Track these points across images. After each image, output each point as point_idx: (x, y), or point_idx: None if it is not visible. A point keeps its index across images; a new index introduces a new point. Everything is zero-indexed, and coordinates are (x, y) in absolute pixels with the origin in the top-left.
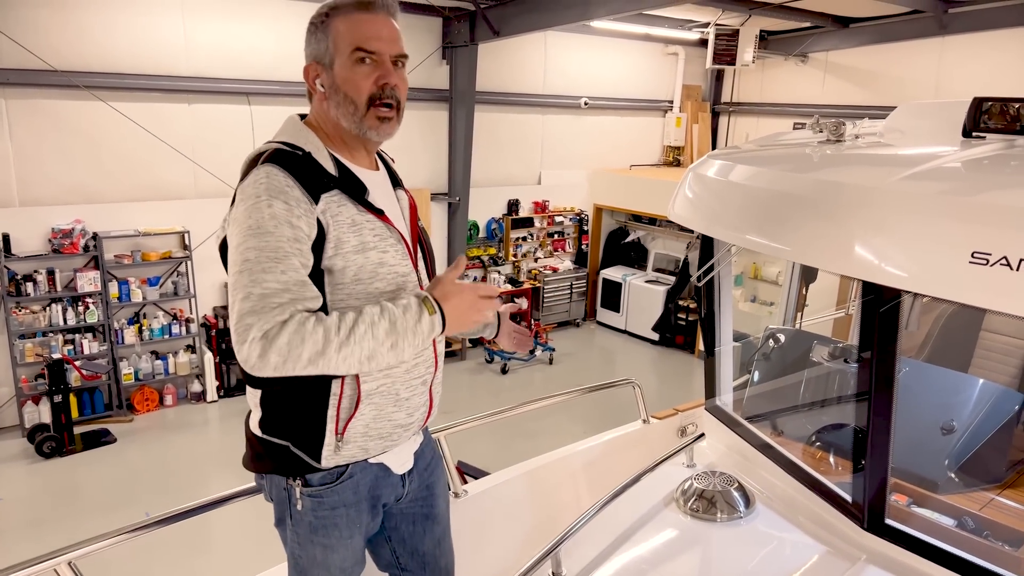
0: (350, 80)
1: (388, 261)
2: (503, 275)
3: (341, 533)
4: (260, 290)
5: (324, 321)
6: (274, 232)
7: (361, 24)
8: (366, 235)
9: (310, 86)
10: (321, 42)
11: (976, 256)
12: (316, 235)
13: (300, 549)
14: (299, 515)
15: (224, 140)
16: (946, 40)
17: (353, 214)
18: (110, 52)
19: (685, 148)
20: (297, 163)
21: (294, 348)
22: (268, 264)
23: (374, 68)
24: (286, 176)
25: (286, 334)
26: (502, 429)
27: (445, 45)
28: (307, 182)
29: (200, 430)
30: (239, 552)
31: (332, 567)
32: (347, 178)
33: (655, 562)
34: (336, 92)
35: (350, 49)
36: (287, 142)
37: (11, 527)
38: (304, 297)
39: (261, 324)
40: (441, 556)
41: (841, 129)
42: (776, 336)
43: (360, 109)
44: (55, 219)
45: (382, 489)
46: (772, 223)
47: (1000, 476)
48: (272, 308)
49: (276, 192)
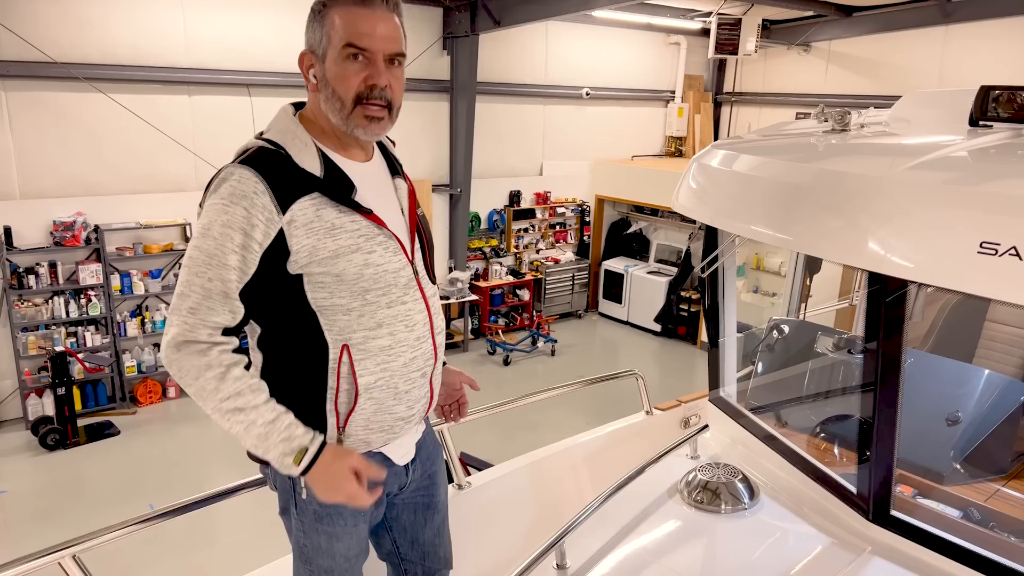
0: (339, 76)
1: (375, 261)
2: (505, 266)
3: (346, 522)
4: (187, 291)
5: (223, 381)
6: (218, 239)
7: (357, 19)
8: (346, 238)
9: (304, 75)
10: (317, 32)
11: (984, 246)
12: (274, 245)
13: (305, 538)
14: (304, 504)
15: (225, 132)
16: (950, 29)
17: (333, 217)
18: (110, 44)
19: (687, 139)
20: (275, 166)
21: (188, 377)
22: (201, 269)
23: (364, 66)
24: (258, 181)
25: (191, 363)
26: (505, 421)
27: (446, 35)
28: (281, 187)
29: (203, 422)
30: (243, 544)
31: (337, 555)
32: (333, 178)
33: (659, 554)
34: (325, 86)
35: (341, 44)
36: (273, 140)
37: (15, 520)
38: (217, 311)
39: (177, 331)
40: (440, 545)
41: (846, 118)
42: (780, 327)
43: (347, 107)
44: (56, 212)
45: (385, 479)
46: (776, 213)
47: (1005, 467)
48: (187, 316)
49: (239, 197)
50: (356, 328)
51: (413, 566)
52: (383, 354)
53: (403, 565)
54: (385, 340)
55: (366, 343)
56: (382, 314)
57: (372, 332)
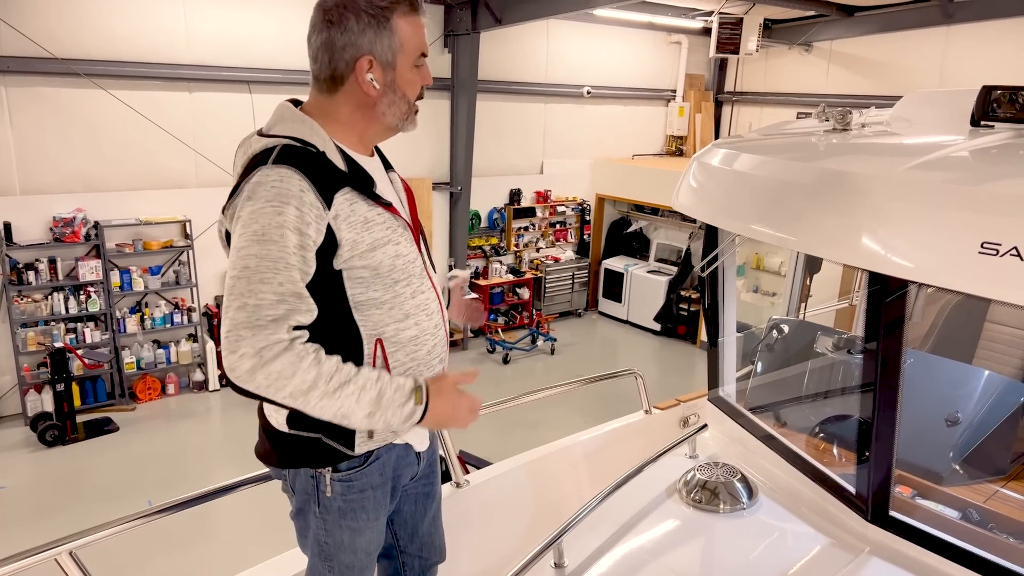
0: (412, 83)
1: (402, 252)
2: (505, 265)
3: (368, 515)
4: (255, 301)
5: (321, 364)
6: (278, 241)
7: (421, 28)
8: (378, 231)
9: (359, 80)
10: (384, 39)
11: (986, 247)
12: (324, 241)
13: (327, 535)
14: (328, 501)
15: (225, 129)
16: (951, 29)
17: (365, 211)
18: (110, 39)
19: (688, 138)
20: (311, 163)
21: (283, 378)
22: (268, 275)
23: (425, 71)
24: (301, 179)
25: (281, 362)
26: (504, 419)
27: (447, 33)
28: (321, 183)
29: (202, 419)
30: (241, 541)
31: (359, 550)
32: (356, 172)
33: (657, 553)
34: (394, 91)
35: (417, 53)
36: (296, 137)
37: (14, 515)
38: (298, 310)
39: (254, 340)
40: (435, 535)
41: (848, 118)
42: (779, 327)
43: (411, 108)
44: (56, 208)
45: (403, 468)
46: (777, 213)
47: (1005, 468)
48: (267, 323)
49: (288, 197)
50: (388, 321)
51: (411, 559)
52: (412, 344)
53: (401, 558)
54: (412, 331)
55: (397, 335)
56: (408, 305)
57: (401, 324)
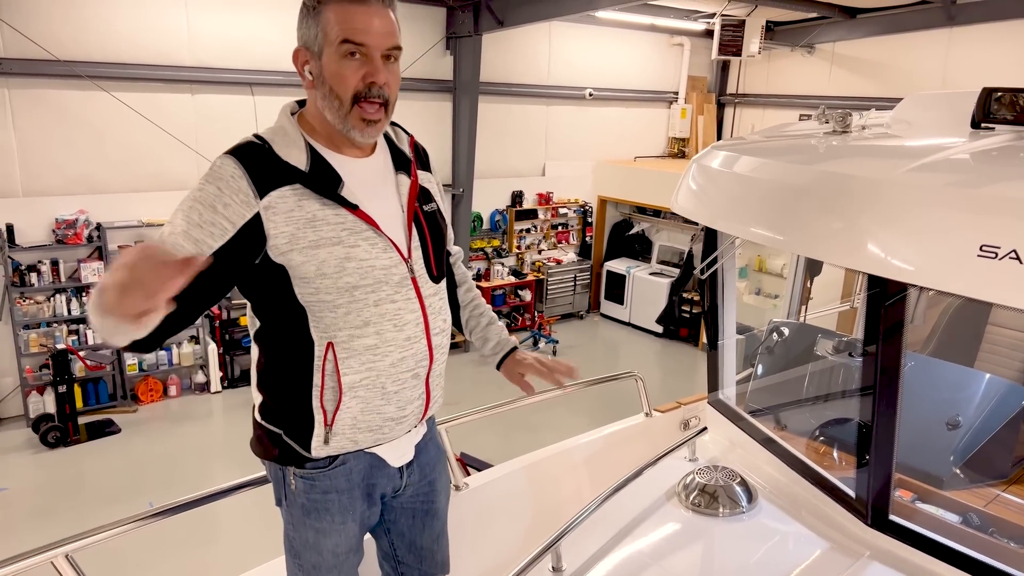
0: (337, 74)
1: (358, 256)
2: (506, 267)
3: (333, 518)
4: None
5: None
6: (186, 211)
7: (352, 14)
8: (327, 230)
9: (299, 72)
10: (311, 28)
11: (985, 249)
12: (249, 227)
13: (294, 531)
14: (293, 496)
15: (228, 131)
16: (954, 31)
17: (316, 209)
18: (113, 42)
19: (690, 140)
20: (256, 157)
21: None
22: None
23: (362, 64)
24: (236, 166)
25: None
26: (504, 421)
27: (449, 35)
28: (260, 176)
29: (204, 421)
30: (242, 543)
31: (324, 551)
32: (319, 172)
33: (656, 557)
34: (323, 84)
35: (338, 41)
36: (261, 136)
37: (16, 517)
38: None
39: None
40: (439, 551)
41: (848, 120)
42: (780, 329)
43: (345, 105)
44: (59, 209)
45: (377, 479)
46: (777, 215)
47: (1006, 472)
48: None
49: (215, 179)
50: (342, 326)
51: (410, 570)
52: (368, 353)
53: (400, 568)
54: (371, 339)
55: (351, 341)
56: (369, 312)
57: (358, 331)
